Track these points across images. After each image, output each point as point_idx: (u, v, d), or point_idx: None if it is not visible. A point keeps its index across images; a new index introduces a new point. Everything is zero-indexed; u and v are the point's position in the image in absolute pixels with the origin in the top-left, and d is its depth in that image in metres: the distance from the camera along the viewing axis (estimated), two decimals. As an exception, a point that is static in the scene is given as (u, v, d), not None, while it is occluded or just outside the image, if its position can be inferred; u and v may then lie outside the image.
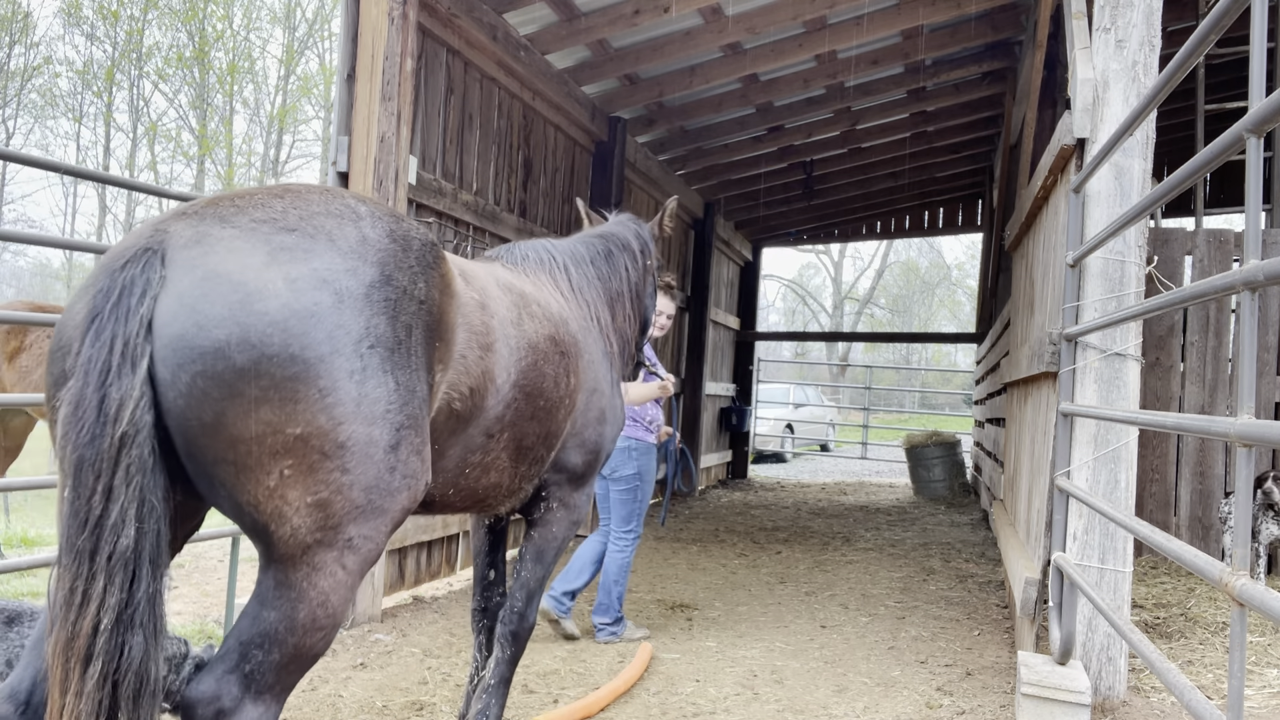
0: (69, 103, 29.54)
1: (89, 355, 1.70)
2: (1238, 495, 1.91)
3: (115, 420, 1.69)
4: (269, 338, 1.75)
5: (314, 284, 1.82)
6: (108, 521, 1.68)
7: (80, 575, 1.68)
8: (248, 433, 1.76)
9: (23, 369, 5.67)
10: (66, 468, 1.70)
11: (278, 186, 2.03)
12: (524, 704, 3.84)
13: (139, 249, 1.77)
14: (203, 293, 1.74)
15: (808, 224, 14.32)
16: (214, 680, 1.80)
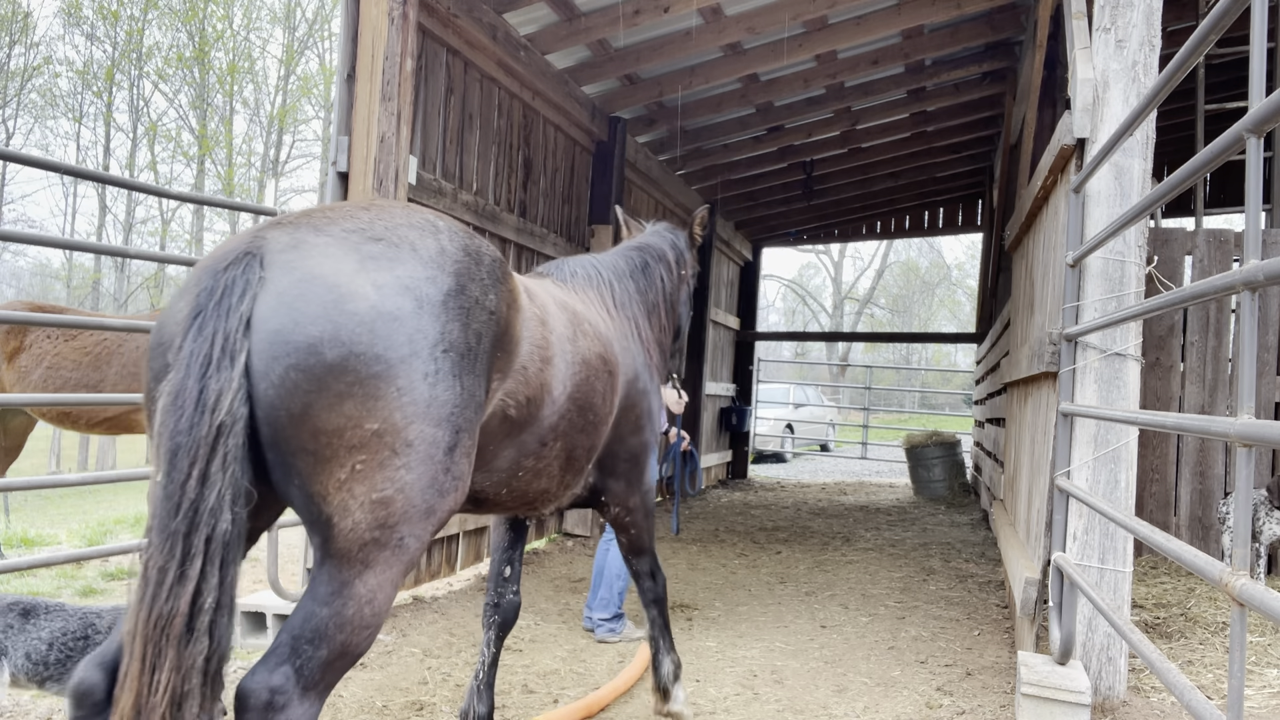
0: (69, 103, 29.54)
1: (191, 349, 1.81)
2: (1238, 495, 1.91)
3: (214, 410, 1.78)
4: (358, 336, 1.85)
5: (398, 290, 1.94)
6: (205, 506, 1.76)
7: (174, 557, 1.75)
8: (330, 425, 1.85)
9: (22, 369, 5.66)
10: (162, 455, 1.79)
11: (364, 201, 2.19)
12: (524, 704, 3.84)
13: (240, 253, 1.90)
14: (300, 292, 1.86)
15: (808, 224, 14.32)
16: (267, 673, 1.85)
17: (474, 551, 6.59)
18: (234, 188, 29.45)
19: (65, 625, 3.07)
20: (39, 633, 3.02)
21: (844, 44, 7.64)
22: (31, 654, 2.97)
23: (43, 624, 3.04)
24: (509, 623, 3.39)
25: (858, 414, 23.35)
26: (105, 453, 26.25)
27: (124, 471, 4.22)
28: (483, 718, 3.27)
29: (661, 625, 3.53)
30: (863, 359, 40.01)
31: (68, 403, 3.79)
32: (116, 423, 5.87)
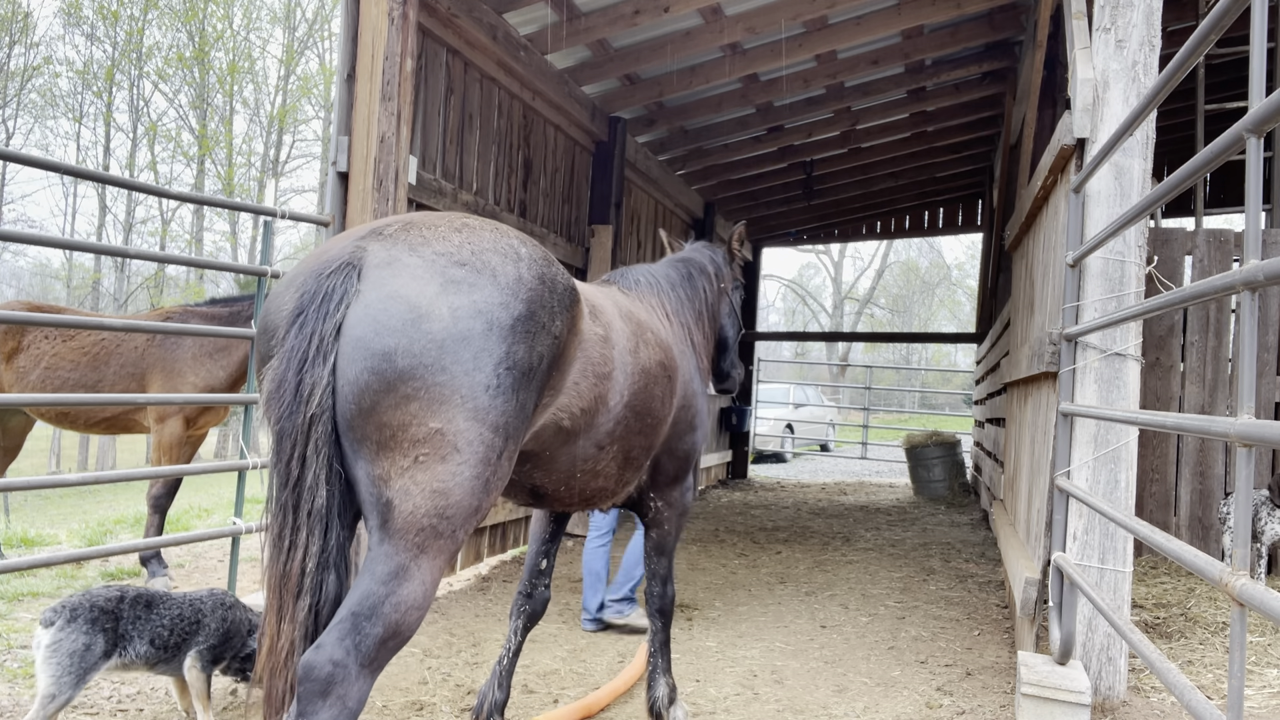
0: (69, 103, 29.55)
1: (293, 344, 2.06)
2: (1238, 495, 1.91)
3: (307, 402, 2.04)
4: (427, 352, 2.09)
5: (471, 313, 2.15)
6: (305, 484, 2.04)
7: (286, 525, 2.05)
8: (394, 420, 2.07)
9: (20, 369, 5.66)
10: (272, 436, 2.06)
11: (458, 219, 2.38)
12: (524, 704, 3.84)
13: (342, 261, 2.14)
14: (384, 308, 2.09)
15: (808, 224, 14.31)
16: (329, 648, 2.00)
17: (474, 552, 6.60)
18: (234, 188, 29.45)
19: (181, 613, 3.36)
20: (161, 620, 3.30)
21: (844, 44, 7.64)
22: (155, 640, 3.27)
23: (162, 612, 3.32)
24: (538, 614, 3.52)
25: (858, 414, 23.35)
26: (105, 453, 26.25)
27: (124, 471, 4.22)
28: (499, 705, 3.40)
29: (662, 640, 3.58)
30: (863, 359, 40.01)
31: (66, 403, 3.78)
32: (115, 423, 5.87)
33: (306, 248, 33.88)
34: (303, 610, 2.04)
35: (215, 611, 3.46)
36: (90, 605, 3.13)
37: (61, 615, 3.09)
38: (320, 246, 2.30)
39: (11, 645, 4.48)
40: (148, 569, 5.74)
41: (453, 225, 2.32)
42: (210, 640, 3.42)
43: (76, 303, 29.52)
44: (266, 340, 2.21)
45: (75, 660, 3.03)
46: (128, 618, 3.22)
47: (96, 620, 3.12)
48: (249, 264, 7.88)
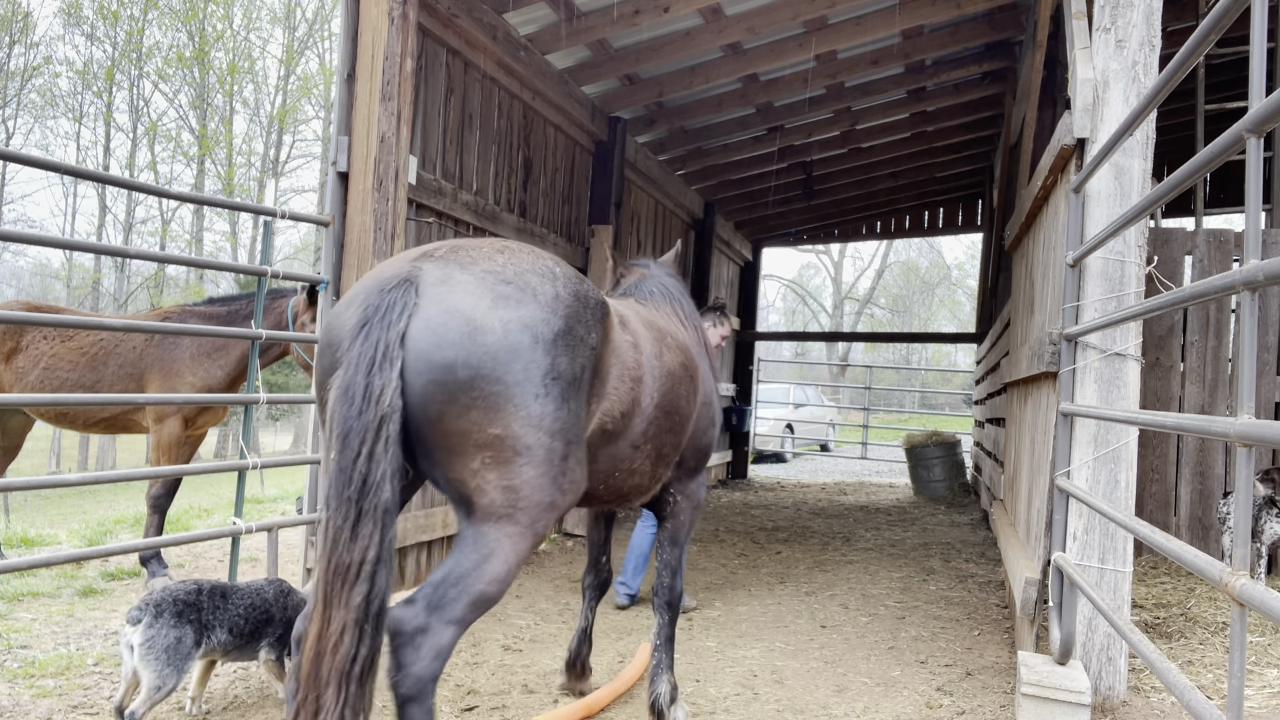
0: (69, 103, 29.54)
1: (359, 352, 2.24)
2: (1238, 495, 1.91)
3: (377, 402, 2.20)
4: (484, 363, 2.30)
5: (520, 327, 2.37)
6: (372, 480, 2.18)
7: (348, 519, 2.17)
8: (458, 428, 2.31)
9: (19, 369, 5.66)
10: (335, 436, 2.21)
11: (499, 243, 2.63)
12: (524, 704, 3.84)
13: (401, 278, 2.36)
14: (444, 321, 2.31)
15: (808, 224, 14.31)
16: (413, 608, 2.29)
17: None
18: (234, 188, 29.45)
19: (252, 602, 3.55)
20: (237, 610, 3.48)
21: (844, 44, 7.64)
22: (233, 629, 3.45)
23: (236, 602, 3.50)
24: (605, 586, 4.09)
25: (858, 414, 23.35)
26: (105, 453, 26.25)
27: (124, 471, 4.22)
28: (585, 657, 3.99)
29: (667, 635, 3.67)
30: (863, 359, 40.02)
31: (65, 403, 3.79)
32: (114, 423, 5.87)
33: (306, 248, 33.88)
34: (358, 597, 2.16)
35: (279, 600, 3.65)
36: (173, 600, 3.31)
37: (148, 612, 3.24)
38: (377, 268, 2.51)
39: (11, 645, 4.47)
40: (148, 569, 5.74)
41: (495, 247, 2.57)
42: (279, 630, 3.63)
43: (76, 303, 29.53)
44: (331, 353, 2.39)
45: (171, 653, 3.21)
46: (208, 609, 3.40)
47: (182, 614, 3.30)
48: (249, 264, 7.88)
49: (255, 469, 4.58)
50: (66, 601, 5.37)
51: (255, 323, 4.69)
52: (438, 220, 5.83)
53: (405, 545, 5.60)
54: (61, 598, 5.46)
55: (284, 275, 4.65)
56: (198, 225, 31.19)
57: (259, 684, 3.99)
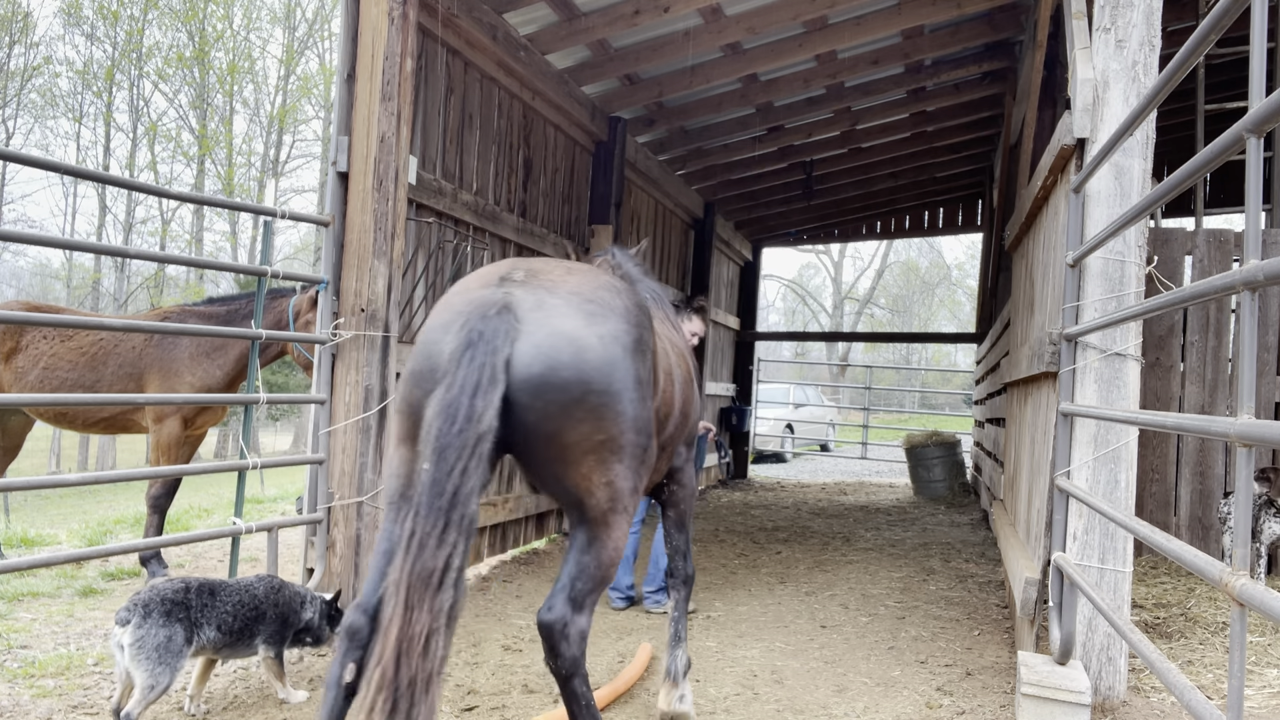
0: (69, 103, 29.54)
1: (464, 375, 2.37)
2: (1238, 495, 1.91)
3: (478, 422, 2.33)
4: (593, 378, 2.52)
5: (612, 340, 2.60)
6: (462, 493, 2.29)
7: (436, 527, 2.29)
8: (573, 439, 2.53)
9: (19, 369, 5.66)
10: (431, 451, 2.32)
11: (559, 264, 2.85)
12: (524, 704, 3.84)
13: (498, 305, 2.50)
14: (552, 344, 2.49)
15: (808, 224, 14.31)
16: (557, 604, 2.62)
17: (474, 552, 6.60)
18: (234, 188, 29.45)
19: (241, 599, 3.56)
20: (225, 607, 3.49)
21: (844, 44, 7.64)
22: (221, 626, 3.46)
23: (224, 600, 3.50)
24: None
25: (858, 414, 23.34)
26: (105, 453, 26.25)
27: (124, 471, 4.22)
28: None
29: (683, 609, 3.87)
30: (863, 359, 40.02)
31: (64, 403, 3.79)
32: (113, 423, 5.87)
33: (306, 248, 33.88)
34: (444, 603, 2.31)
35: (269, 597, 3.67)
36: (161, 599, 3.31)
37: (135, 613, 3.24)
38: (462, 292, 2.69)
39: (11, 645, 4.47)
40: (147, 569, 5.74)
41: (563, 268, 2.82)
42: (272, 627, 3.65)
43: (76, 303, 29.53)
44: (430, 376, 2.51)
45: (162, 651, 3.22)
46: (196, 606, 3.40)
47: (170, 613, 3.29)
48: (249, 264, 7.88)
49: (255, 469, 4.58)
50: (66, 601, 5.37)
51: (255, 323, 4.69)
52: (438, 220, 5.83)
53: (405, 545, 5.60)
54: (61, 598, 5.46)
55: (284, 275, 4.65)
56: (198, 225, 31.19)
57: (259, 684, 3.99)
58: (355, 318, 4.85)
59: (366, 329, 4.83)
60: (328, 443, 4.85)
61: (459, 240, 6.11)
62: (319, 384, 4.87)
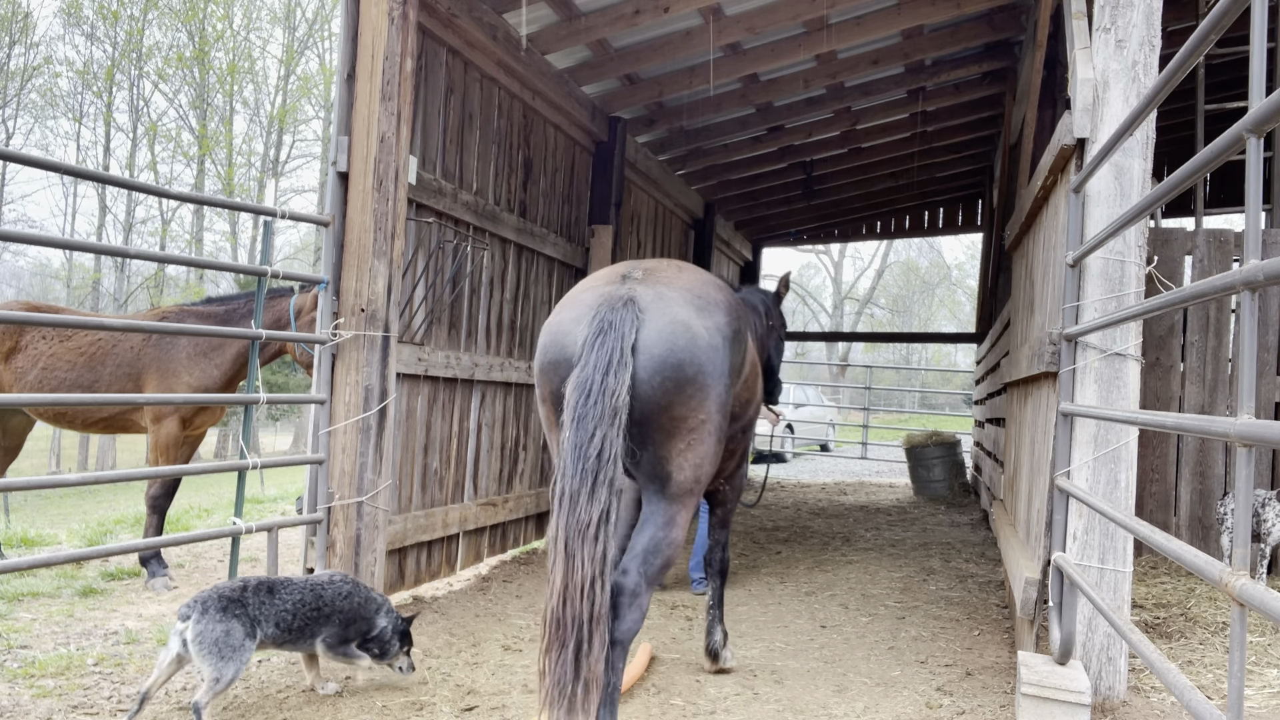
0: (69, 103, 29.54)
1: (596, 357, 2.80)
2: (1238, 495, 1.91)
3: (613, 396, 2.75)
4: (701, 362, 2.96)
5: (716, 330, 3.06)
6: (605, 456, 2.70)
7: (584, 487, 2.68)
8: (677, 412, 2.95)
9: (18, 369, 5.66)
10: (573, 421, 2.74)
11: (670, 263, 3.31)
12: (524, 704, 3.84)
13: (623, 299, 2.95)
14: (672, 331, 2.95)
15: (808, 224, 14.31)
16: (633, 571, 2.94)
17: (474, 552, 6.60)
18: (234, 188, 29.45)
19: (302, 597, 3.69)
20: (284, 604, 3.62)
21: (844, 44, 7.64)
22: (280, 622, 3.60)
23: (285, 597, 3.64)
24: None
25: (858, 414, 23.34)
26: (105, 453, 26.25)
27: (124, 471, 4.22)
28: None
29: (719, 597, 4.31)
30: (863, 359, 40.01)
31: (63, 403, 3.79)
32: (112, 423, 5.87)
33: (306, 248, 33.88)
34: (600, 550, 2.66)
35: (335, 601, 3.77)
36: (218, 596, 3.47)
37: (195, 609, 3.41)
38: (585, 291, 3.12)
39: (11, 645, 4.47)
40: (147, 569, 5.74)
41: (674, 266, 3.27)
42: (334, 628, 3.75)
43: (76, 303, 29.53)
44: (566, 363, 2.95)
45: (221, 645, 3.37)
46: (253, 604, 3.54)
47: (227, 609, 3.44)
48: (249, 264, 7.88)
49: (255, 469, 4.58)
50: (66, 601, 5.37)
51: (255, 322, 4.69)
52: (438, 220, 5.83)
53: (405, 545, 5.60)
54: (61, 598, 5.46)
55: (284, 275, 4.65)
56: (198, 225, 31.19)
57: (259, 684, 3.99)
58: (355, 318, 4.85)
59: (366, 329, 4.83)
60: (328, 443, 4.85)
61: (459, 240, 6.11)
62: (319, 384, 4.87)
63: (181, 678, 4.06)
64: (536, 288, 7.43)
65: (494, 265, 6.71)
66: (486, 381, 6.63)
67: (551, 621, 2.61)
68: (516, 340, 7.12)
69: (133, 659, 4.33)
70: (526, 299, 7.26)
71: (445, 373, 5.99)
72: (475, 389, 6.52)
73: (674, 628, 5.15)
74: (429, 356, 5.78)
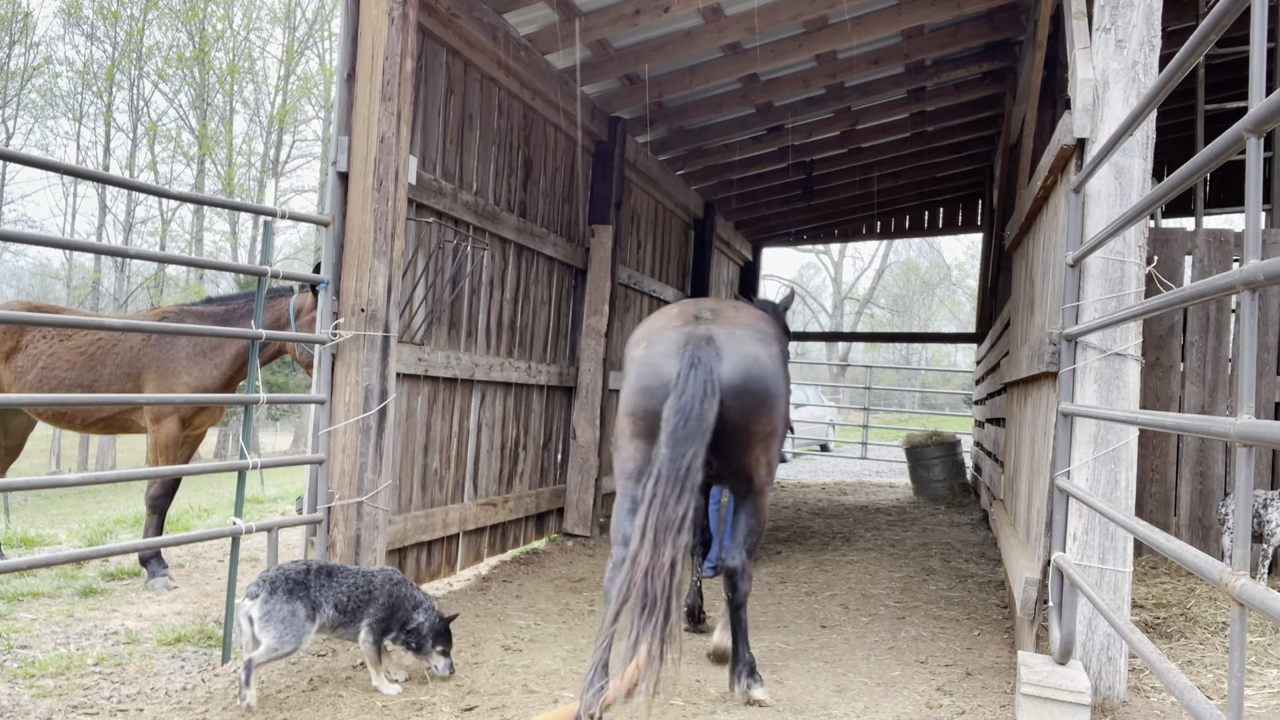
0: (69, 103, 29.55)
1: (692, 388, 3.43)
2: (1238, 495, 1.91)
3: (704, 420, 3.40)
4: (768, 386, 3.67)
5: (776, 358, 3.77)
6: (693, 468, 3.33)
7: (675, 489, 3.28)
8: (755, 429, 3.70)
9: (18, 369, 5.66)
10: (670, 439, 3.36)
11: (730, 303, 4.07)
12: (524, 704, 3.84)
13: (703, 337, 3.59)
14: (745, 363, 3.63)
15: (808, 224, 14.30)
16: (737, 554, 3.83)
17: (474, 552, 6.60)
18: (234, 188, 29.46)
19: (355, 583, 3.89)
20: (340, 588, 3.83)
21: (844, 44, 7.63)
22: (337, 605, 3.80)
23: (341, 581, 3.85)
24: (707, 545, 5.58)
25: (858, 414, 23.34)
26: (105, 453, 26.25)
27: (124, 471, 4.21)
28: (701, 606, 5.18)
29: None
30: (863, 359, 40.02)
31: (63, 403, 3.79)
32: (112, 422, 5.87)
33: (306, 248, 33.88)
34: (683, 541, 3.23)
35: (384, 586, 3.95)
36: (285, 578, 3.70)
37: (264, 588, 3.63)
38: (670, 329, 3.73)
39: (11, 645, 4.47)
40: (147, 569, 5.74)
41: (732, 306, 3.98)
42: (379, 614, 3.90)
43: (76, 303, 29.53)
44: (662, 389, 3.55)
45: (288, 622, 3.61)
46: (315, 586, 3.76)
47: (293, 590, 3.67)
48: (249, 264, 7.88)
49: (255, 469, 4.58)
50: (66, 601, 5.37)
51: (255, 322, 4.69)
52: (438, 220, 5.83)
53: (405, 545, 5.60)
54: (61, 598, 5.46)
55: (284, 275, 4.64)
56: (198, 225, 31.19)
57: (259, 684, 3.99)
58: (355, 318, 4.85)
59: (366, 329, 4.83)
60: (328, 443, 4.86)
61: (459, 240, 6.11)
62: (319, 384, 4.87)
63: (182, 676, 4.07)
64: (536, 288, 7.43)
65: (494, 265, 6.71)
66: (486, 381, 6.63)
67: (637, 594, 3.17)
68: (516, 340, 7.12)
69: (133, 659, 4.33)
70: (526, 299, 7.26)
71: (445, 373, 5.99)
72: (475, 389, 6.52)
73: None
74: (429, 356, 5.78)
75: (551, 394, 7.82)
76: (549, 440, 7.82)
